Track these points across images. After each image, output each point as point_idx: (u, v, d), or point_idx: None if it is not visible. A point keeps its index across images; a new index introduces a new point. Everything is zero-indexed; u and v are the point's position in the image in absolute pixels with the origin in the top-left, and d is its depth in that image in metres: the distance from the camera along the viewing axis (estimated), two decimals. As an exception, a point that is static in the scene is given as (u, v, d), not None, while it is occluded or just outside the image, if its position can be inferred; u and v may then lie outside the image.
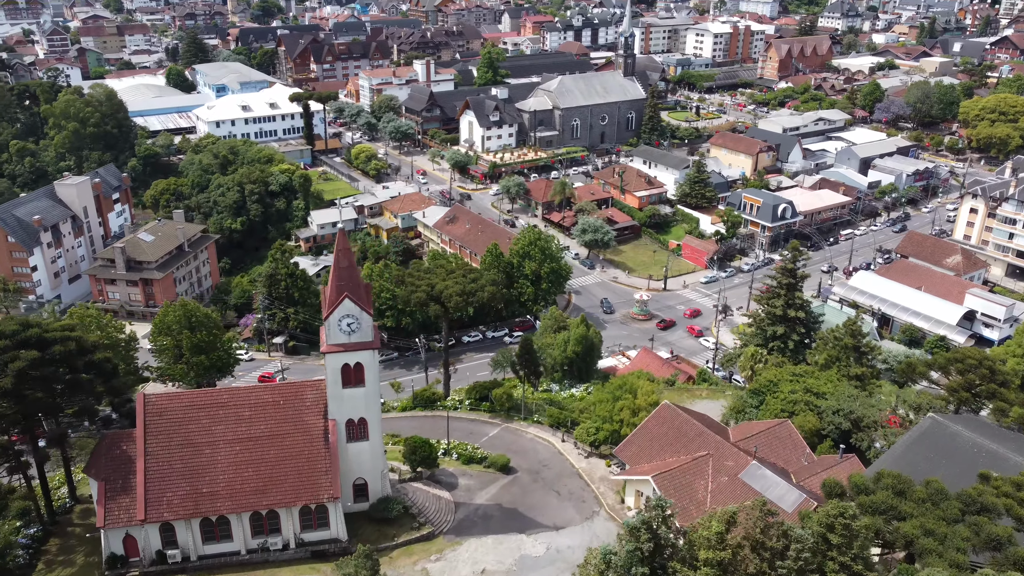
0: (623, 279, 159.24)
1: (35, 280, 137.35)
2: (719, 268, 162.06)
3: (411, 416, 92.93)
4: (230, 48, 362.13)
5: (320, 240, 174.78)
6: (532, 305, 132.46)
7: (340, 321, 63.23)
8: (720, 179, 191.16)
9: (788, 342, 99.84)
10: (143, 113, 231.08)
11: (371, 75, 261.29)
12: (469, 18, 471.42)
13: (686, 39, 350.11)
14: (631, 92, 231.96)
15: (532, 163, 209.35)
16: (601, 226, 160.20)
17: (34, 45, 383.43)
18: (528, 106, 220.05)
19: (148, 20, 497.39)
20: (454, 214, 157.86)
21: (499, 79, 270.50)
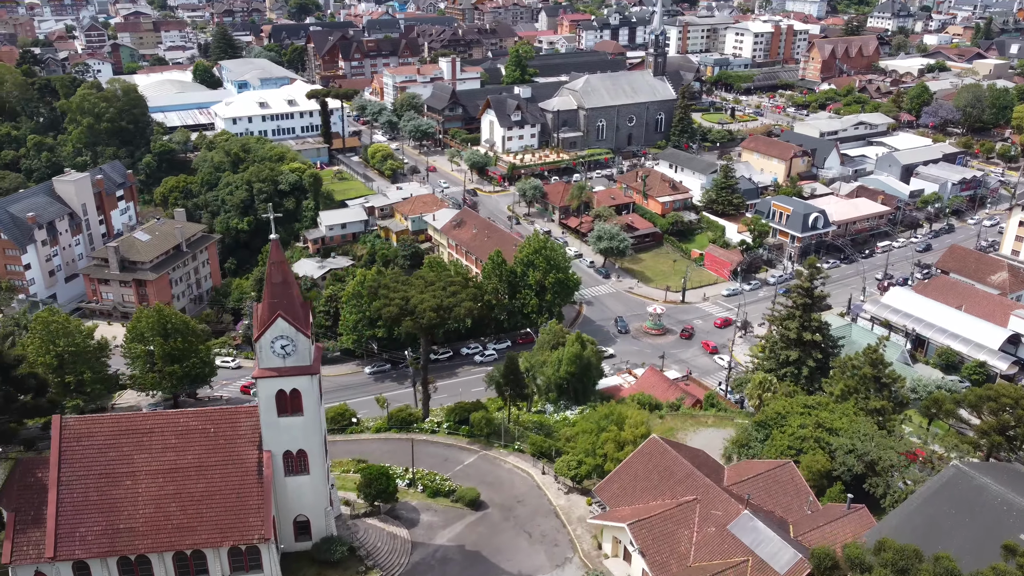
0: (639, 290, 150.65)
1: (28, 279, 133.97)
2: (743, 280, 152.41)
3: (385, 438, 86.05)
4: (263, 45, 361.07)
5: (328, 241, 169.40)
6: (535, 317, 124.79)
7: (273, 343, 56.58)
8: (750, 185, 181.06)
9: (803, 368, 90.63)
10: (164, 109, 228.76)
11: (395, 72, 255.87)
12: (506, 16, 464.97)
13: (725, 38, 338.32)
14: (661, 92, 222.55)
15: (552, 165, 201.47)
16: (617, 233, 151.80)
17: (74, 41, 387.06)
18: (552, 106, 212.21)
19: (189, 16, 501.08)
20: (461, 218, 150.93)
21: (527, 78, 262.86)
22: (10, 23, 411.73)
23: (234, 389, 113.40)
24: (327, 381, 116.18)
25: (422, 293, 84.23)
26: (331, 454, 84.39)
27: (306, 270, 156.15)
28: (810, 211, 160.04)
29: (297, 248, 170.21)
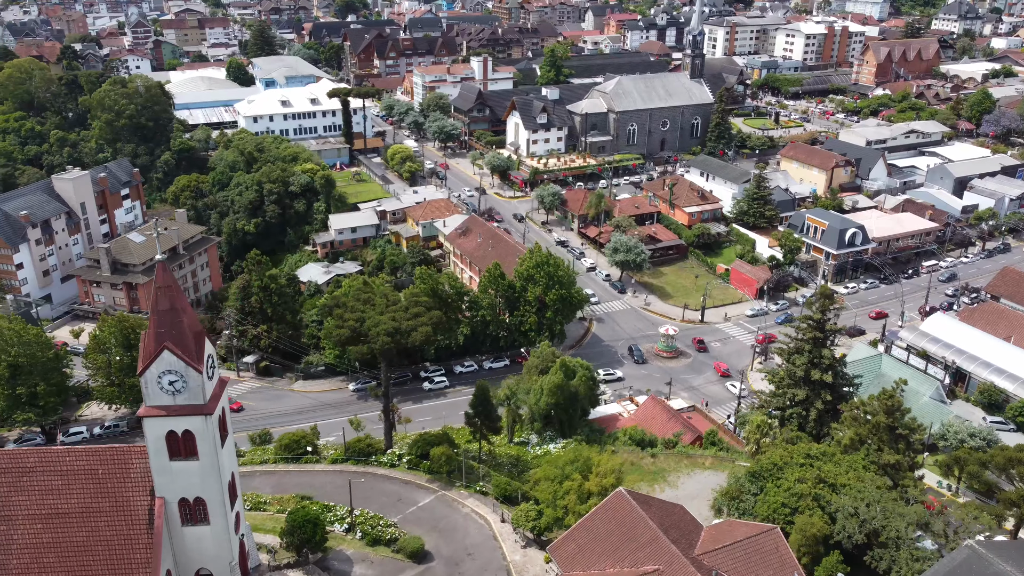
0: (656, 306, 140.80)
1: (20, 278, 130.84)
2: (769, 300, 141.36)
3: (340, 470, 78.75)
4: (303, 42, 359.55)
5: (338, 246, 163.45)
6: (534, 335, 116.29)
7: (160, 378, 49.61)
8: (785, 196, 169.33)
9: (810, 410, 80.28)
10: (190, 106, 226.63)
11: (424, 72, 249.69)
12: (552, 16, 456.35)
13: (775, 40, 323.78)
14: (697, 96, 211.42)
15: (577, 171, 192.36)
16: (635, 246, 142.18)
17: (123, 37, 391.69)
18: (580, 108, 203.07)
19: (239, 14, 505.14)
20: (467, 226, 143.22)
21: (562, 79, 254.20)
22: (63, 19, 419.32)
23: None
24: (308, 397, 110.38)
25: (381, 314, 76.69)
26: (281, 485, 77.81)
27: (311, 275, 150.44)
28: (847, 226, 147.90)
29: (306, 252, 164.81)
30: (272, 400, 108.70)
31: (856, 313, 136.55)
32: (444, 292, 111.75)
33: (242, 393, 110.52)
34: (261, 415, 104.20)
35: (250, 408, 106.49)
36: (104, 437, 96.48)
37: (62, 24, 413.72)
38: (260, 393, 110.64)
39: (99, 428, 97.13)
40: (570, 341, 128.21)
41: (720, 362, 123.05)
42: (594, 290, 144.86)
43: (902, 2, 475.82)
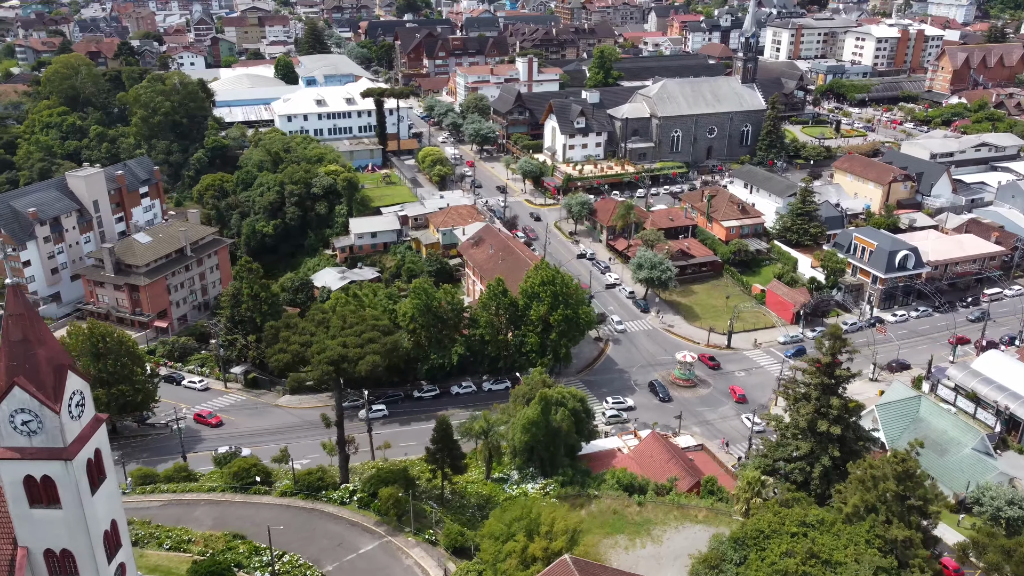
0: (680, 328, 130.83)
1: (28, 276, 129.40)
2: (806, 326, 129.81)
3: (287, 504, 72.57)
4: (359, 41, 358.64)
5: (358, 251, 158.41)
6: (535, 357, 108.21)
7: (12, 417, 43.72)
8: (834, 212, 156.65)
9: (815, 466, 70.08)
10: (231, 103, 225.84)
11: (467, 72, 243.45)
12: (614, 16, 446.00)
13: (844, 43, 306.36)
14: (748, 102, 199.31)
15: (613, 178, 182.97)
16: (660, 262, 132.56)
17: (188, 34, 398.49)
18: (621, 112, 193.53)
19: (305, 12, 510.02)
20: (480, 235, 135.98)
21: (611, 81, 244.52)
22: (133, 16, 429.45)
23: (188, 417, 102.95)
24: (292, 414, 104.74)
25: (332, 338, 70.01)
26: (222, 518, 71.95)
27: (326, 280, 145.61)
28: (898, 248, 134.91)
29: (325, 256, 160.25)
30: (255, 416, 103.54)
31: (900, 345, 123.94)
32: (439, 308, 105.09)
33: (225, 407, 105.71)
34: (238, 432, 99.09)
35: (230, 424, 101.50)
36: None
37: (132, 21, 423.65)
38: (243, 407, 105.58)
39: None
40: (581, 363, 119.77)
41: (736, 386, 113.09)
42: (614, 308, 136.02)
43: (991, 4, 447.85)
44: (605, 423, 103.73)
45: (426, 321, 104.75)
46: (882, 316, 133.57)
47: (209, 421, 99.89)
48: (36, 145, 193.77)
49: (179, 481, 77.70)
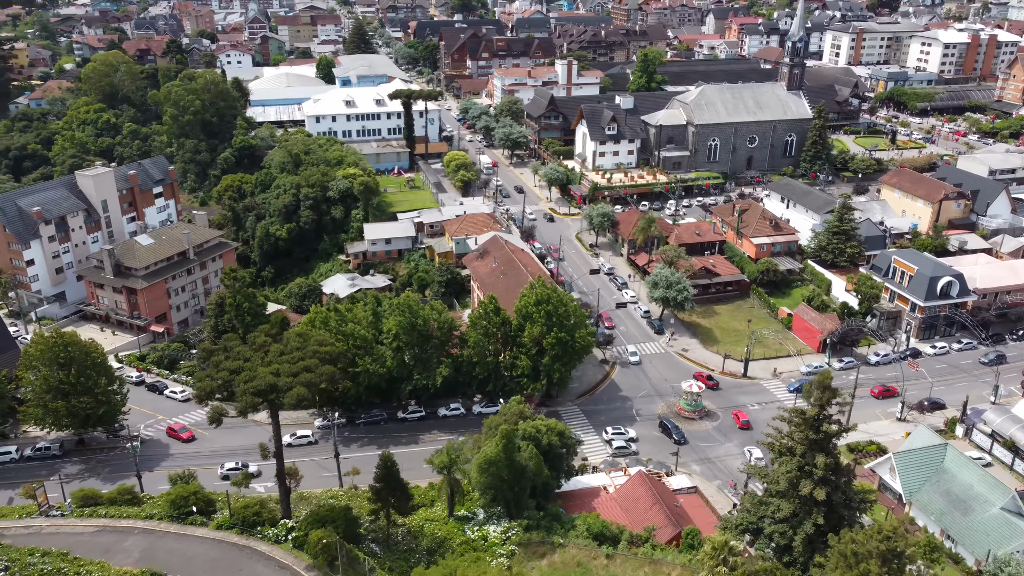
0: (695, 353, 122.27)
1: (31, 275, 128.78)
2: (832, 355, 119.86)
3: (221, 539, 67.81)
4: (407, 41, 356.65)
5: (371, 257, 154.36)
6: (526, 382, 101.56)
7: None
8: (875, 231, 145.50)
9: (797, 532, 61.77)
10: (265, 103, 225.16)
11: (504, 74, 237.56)
12: (671, 18, 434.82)
13: (908, 49, 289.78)
14: (794, 110, 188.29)
15: (642, 188, 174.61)
16: (677, 280, 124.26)
17: (242, 33, 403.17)
18: (655, 119, 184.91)
19: (362, 12, 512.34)
20: (486, 247, 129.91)
21: (654, 85, 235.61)
22: (192, 15, 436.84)
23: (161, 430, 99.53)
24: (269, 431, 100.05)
25: (268, 364, 64.87)
26: (149, 551, 67.60)
27: (335, 287, 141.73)
28: (940, 273, 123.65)
29: (338, 261, 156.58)
30: (229, 431, 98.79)
31: (935, 382, 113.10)
32: (424, 327, 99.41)
33: (202, 420, 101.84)
34: (209, 450, 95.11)
35: (203, 439, 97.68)
36: (34, 460, 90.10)
37: (191, 19, 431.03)
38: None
39: (31, 450, 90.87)
40: (583, 386, 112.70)
41: (740, 411, 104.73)
42: (628, 328, 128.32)
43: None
44: (611, 455, 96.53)
45: (410, 339, 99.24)
46: (919, 348, 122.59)
47: (180, 436, 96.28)
48: (70, 141, 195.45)
49: (121, 504, 73.95)
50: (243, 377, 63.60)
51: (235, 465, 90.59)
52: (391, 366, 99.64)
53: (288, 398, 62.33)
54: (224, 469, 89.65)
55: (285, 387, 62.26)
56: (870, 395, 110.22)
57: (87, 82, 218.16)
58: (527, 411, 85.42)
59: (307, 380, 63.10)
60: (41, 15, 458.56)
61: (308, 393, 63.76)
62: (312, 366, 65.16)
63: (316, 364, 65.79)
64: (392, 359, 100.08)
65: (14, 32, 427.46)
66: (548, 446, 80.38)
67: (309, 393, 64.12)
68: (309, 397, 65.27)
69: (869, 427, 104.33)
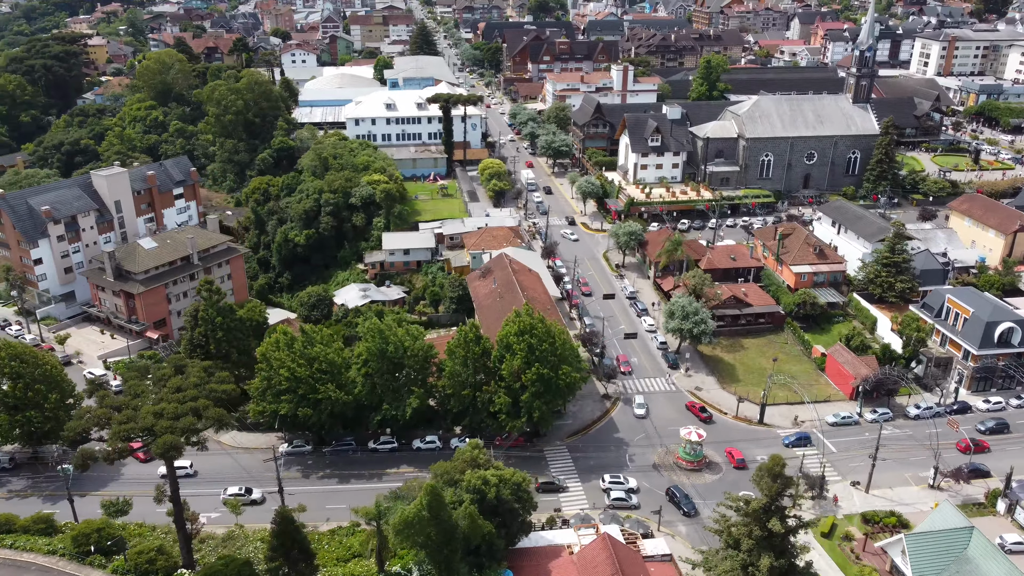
0: (709, 392, 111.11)
1: (38, 273, 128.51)
2: (866, 404, 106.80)
3: (113, 587, 62.39)
4: (474, 43, 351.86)
5: (389, 267, 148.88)
6: (505, 419, 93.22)
7: None
8: (935, 264, 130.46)
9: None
10: (313, 103, 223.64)
11: (556, 79, 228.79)
12: (755, 22, 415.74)
13: (1007, 58, 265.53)
14: (858, 124, 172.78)
15: (682, 205, 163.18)
16: (695, 311, 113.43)
17: (316, 31, 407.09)
18: (703, 131, 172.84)
19: (441, 12, 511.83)
20: (489, 266, 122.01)
21: (716, 94, 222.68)
22: (273, 14, 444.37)
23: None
24: (231, 455, 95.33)
25: (157, 403, 58.91)
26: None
27: (347, 298, 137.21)
28: (1000, 318, 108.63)
29: (356, 270, 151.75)
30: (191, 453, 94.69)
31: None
32: (394, 354, 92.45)
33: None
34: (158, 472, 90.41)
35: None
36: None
37: (271, 17, 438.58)
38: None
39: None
40: (577, 423, 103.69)
41: (734, 448, 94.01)
42: (640, 359, 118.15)
43: None
44: (607, 506, 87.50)
45: (380, 366, 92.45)
46: (969, 402, 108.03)
47: (138, 455, 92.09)
48: (118, 138, 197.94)
49: (34, 534, 69.74)
50: (120, 418, 58.03)
51: (238, 490, 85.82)
52: (359, 393, 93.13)
53: (156, 447, 56.27)
54: (226, 494, 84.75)
55: (161, 431, 56.26)
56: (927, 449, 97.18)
57: (141, 79, 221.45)
58: (481, 457, 77.20)
59: (187, 425, 56.92)
60: (135, 12, 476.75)
61: (180, 441, 57.47)
62: (201, 407, 59.11)
63: (207, 405, 59.70)
64: (362, 386, 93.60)
65: (109, 28, 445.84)
66: (496, 500, 72.08)
67: (181, 441, 57.85)
68: (181, 445, 59.00)
69: (895, 493, 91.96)
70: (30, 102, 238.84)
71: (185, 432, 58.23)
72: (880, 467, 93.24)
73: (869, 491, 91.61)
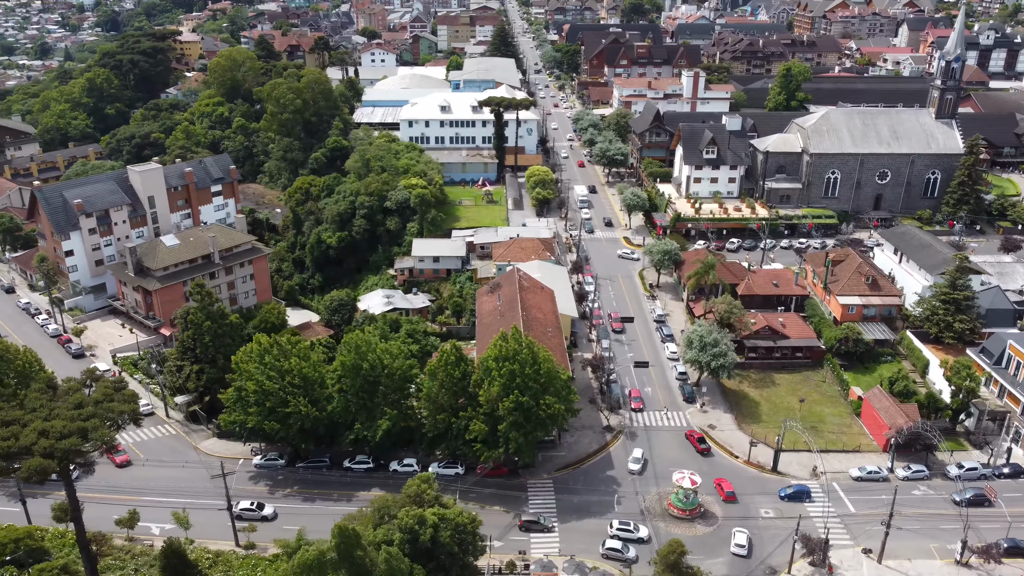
0: (724, 433, 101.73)
1: (69, 265, 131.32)
2: (897, 458, 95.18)
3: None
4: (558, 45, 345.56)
5: (418, 275, 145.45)
6: (480, 448, 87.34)
7: None
8: (1005, 303, 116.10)
9: None
10: (375, 104, 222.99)
11: (623, 84, 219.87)
12: (860, 27, 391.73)
13: None
14: (940, 142, 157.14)
15: (734, 223, 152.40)
16: (715, 341, 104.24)
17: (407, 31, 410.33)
18: (764, 144, 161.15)
19: (536, 13, 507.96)
20: (499, 281, 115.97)
21: (795, 104, 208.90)
22: (367, 13, 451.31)
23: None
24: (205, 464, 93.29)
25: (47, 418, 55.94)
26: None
27: (370, 304, 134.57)
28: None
29: (386, 275, 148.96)
30: (167, 457, 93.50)
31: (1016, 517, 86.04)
32: (370, 372, 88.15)
33: (145, 441, 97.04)
34: (141, 478, 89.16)
35: (139, 464, 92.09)
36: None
37: (365, 17, 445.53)
38: (162, 445, 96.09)
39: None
40: (571, 457, 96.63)
41: (723, 479, 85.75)
42: (654, 390, 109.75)
43: None
44: (602, 553, 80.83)
45: (355, 384, 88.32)
46: (1019, 464, 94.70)
47: (114, 459, 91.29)
48: (184, 132, 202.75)
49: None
50: (5, 432, 55.57)
51: (250, 505, 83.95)
52: (332, 410, 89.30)
53: (22, 471, 53.26)
54: (238, 508, 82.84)
55: (39, 451, 53.33)
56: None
57: (212, 76, 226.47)
58: (428, 493, 71.76)
59: (69, 446, 53.84)
60: (240, 10, 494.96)
61: (51, 466, 54.29)
62: (91, 428, 55.79)
63: (96, 426, 56.40)
64: (338, 402, 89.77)
65: (215, 24, 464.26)
66: (431, 543, 66.61)
67: (53, 465, 54.61)
68: (51, 470, 55.87)
69: (913, 567, 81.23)
70: (116, 95, 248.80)
71: (64, 455, 55.21)
72: (903, 534, 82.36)
73: (882, 561, 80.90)
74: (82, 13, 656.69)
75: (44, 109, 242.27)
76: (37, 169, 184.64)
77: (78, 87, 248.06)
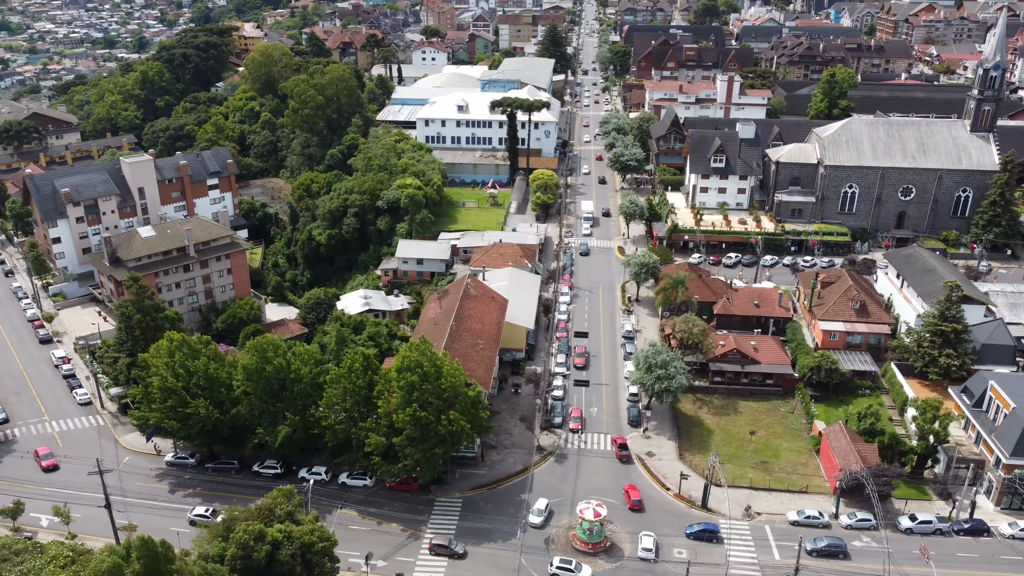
0: (661, 462, 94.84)
1: (56, 252, 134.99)
2: (846, 503, 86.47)
3: None
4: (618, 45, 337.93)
5: (402, 276, 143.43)
6: (378, 462, 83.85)
7: None
8: (1006, 338, 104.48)
9: None
10: (404, 102, 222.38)
11: (654, 87, 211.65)
12: (946, 32, 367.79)
13: None
14: (974, 157, 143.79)
15: (734, 236, 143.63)
16: (666, 363, 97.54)
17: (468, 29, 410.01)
18: (777, 154, 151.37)
19: (609, 13, 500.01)
20: (448, 289, 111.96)
21: (837, 112, 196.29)
22: (435, 11, 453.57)
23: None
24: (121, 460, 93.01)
25: None
26: None
27: (348, 304, 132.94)
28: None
29: (373, 275, 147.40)
30: (89, 450, 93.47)
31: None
32: (274, 375, 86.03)
33: (70, 430, 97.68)
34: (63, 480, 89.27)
35: (66, 466, 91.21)
36: None
37: (433, 15, 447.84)
38: (89, 441, 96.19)
39: None
40: (493, 475, 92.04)
41: (632, 485, 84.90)
42: (600, 409, 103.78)
43: None
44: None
45: (257, 388, 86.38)
46: (989, 522, 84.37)
47: (41, 463, 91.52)
48: (213, 126, 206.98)
49: None
50: None
51: (204, 512, 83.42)
52: (237, 412, 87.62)
53: None
54: (192, 514, 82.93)
55: None
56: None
57: (248, 71, 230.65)
58: (282, 507, 68.88)
59: None
60: (318, 8, 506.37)
61: None
62: None
63: None
64: (244, 405, 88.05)
65: (291, 21, 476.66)
66: (266, 561, 63.65)
67: None
68: None
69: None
70: (166, 88, 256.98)
71: None
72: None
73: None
74: (179, 9, 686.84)
75: (99, 100, 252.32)
76: (72, 158, 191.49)
77: (131, 79, 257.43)
